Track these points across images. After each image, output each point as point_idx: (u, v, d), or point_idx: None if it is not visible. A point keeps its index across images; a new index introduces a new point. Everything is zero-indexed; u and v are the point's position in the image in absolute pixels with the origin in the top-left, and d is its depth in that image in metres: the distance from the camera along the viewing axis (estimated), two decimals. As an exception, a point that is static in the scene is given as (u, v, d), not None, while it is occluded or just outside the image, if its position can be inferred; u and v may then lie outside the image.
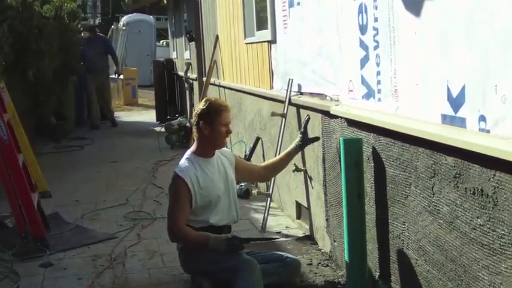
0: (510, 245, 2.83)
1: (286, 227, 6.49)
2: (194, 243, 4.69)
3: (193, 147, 4.87)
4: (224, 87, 10.18)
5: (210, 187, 4.74)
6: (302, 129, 5.14)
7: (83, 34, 15.60)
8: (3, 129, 6.14)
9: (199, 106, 4.80)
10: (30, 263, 5.66)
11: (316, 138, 5.20)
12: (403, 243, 3.96)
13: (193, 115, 4.84)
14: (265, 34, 7.24)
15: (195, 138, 4.86)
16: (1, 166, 6.08)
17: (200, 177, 4.71)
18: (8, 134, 6.17)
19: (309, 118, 5.17)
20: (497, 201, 2.90)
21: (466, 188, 3.16)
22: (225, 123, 4.74)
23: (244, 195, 7.62)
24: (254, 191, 7.79)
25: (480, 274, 3.10)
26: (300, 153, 6.07)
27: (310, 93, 5.81)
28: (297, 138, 5.13)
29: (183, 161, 4.81)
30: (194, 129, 4.82)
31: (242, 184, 7.67)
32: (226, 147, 5.26)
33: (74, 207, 7.67)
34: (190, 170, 4.71)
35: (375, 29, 4.19)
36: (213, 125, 4.70)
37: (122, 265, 5.53)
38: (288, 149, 5.19)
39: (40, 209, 6.55)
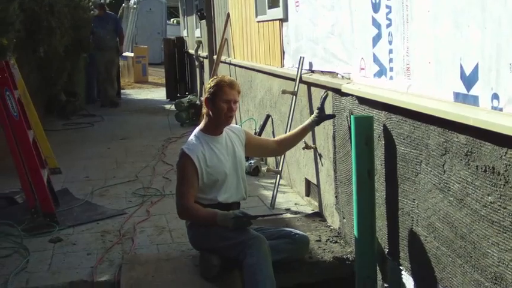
0: (521, 223, 2.83)
1: (295, 204, 6.51)
2: (202, 220, 4.71)
3: (201, 125, 4.89)
4: (235, 65, 10.17)
5: (217, 165, 4.75)
6: (320, 105, 5.13)
7: (93, 12, 15.56)
8: (13, 106, 6.15)
9: (207, 83, 4.81)
10: (40, 238, 5.69)
11: (333, 115, 5.19)
12: (412, 221, 3.96)
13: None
14: (277, 12, 7.21)
15: (204, 116, 4.87)
16: (11, 142, 6.10)
17: (207, 155, 4.72)
18: (19, 110, 6.18)
19: (327, 94, 5.18)
20: (508, 179, 2.89)
21: (477, 166, 3.16)
22: (227, 100, 4.72)
23: (254, 172, 7.64)
24: (263, 168, 7.80)
25: (490, 251, 3.10)
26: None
27: (322, 71, 5.79)
28: (314, 114, 5.13)
29: (190, 139, 4.83)
30: (203, 110, 4.85)
31: (251, 161, 7.69)
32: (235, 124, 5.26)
33: (83, 183, 7.70)
34: (197, 147, 4.71)
35: (388, 7, 4.16)
36: (215, 101, 4.72)
37: (131, 241, 5.56)
38: (304, 124, 5.18)
39: (50, 185, 6.58)
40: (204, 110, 4.84)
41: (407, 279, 4.13)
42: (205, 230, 4.71)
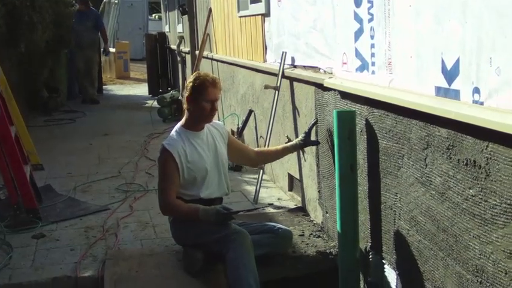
0: (501, 215, 2.85)
1: (279, 199, 6.52)
2: (185, 215, 4.74)
3: (182, 121, 4.90)
4: (217, 60, 10.17)
5: (198, 161, 4.77)
6: (307, 130, 5.16)
7: (73, 7, 15.45)
8: (-5, 101, 6.12)
9: (189, 80, 4.83)
10: (23, 234, 5.67)
11: (317, 142, 5.21)
12: (395, 214, 3.99)
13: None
14: (259, 7, 7.22)
15: (185, 110, 4.88)
16: (-7, 138, 6.07)
17: (188, 150, 4.73)
18: (1, 106, 6.14)
19: (316, 121, 5.19)
20: (489, 172, 2.92)
21: (458, 160, 3.18)
22: (210, 100, 4.74)
23: (237, 167, 7.64)
24: (246, 164, 7.82)
25: (471, 244, 3.13)
26: (292, 126, 6.10)
27: (304, 66, 5.81)
28: (299, 137, 5.18)
29: (171, 134, 4.85)
30: (184, 105, 4.85)
31: (234, 157, 7.69)
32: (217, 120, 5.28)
33: (66, 179, 7.67)
34: (178, 143, 4.73)
35: (370, 1, 4.18)
36: (197, 101, 4.73)
37: (115, 236, 5.55)
38: (287, 145, 5.28)
39: (32, 181, 6.55)
40: (185, 105, 4.85)
41: (390, 273, 4.16)
42: (188, 226, 4.72)
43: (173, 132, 4.87)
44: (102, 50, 16.75)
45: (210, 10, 10.44)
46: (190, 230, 4.71)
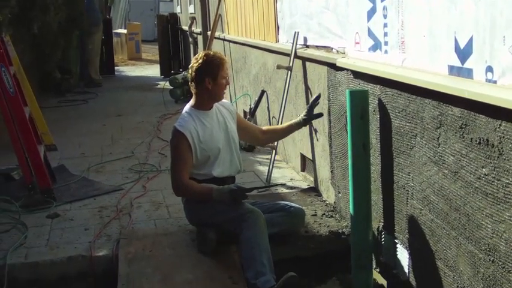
0: (514, 194, 2.86)
1: (291, 179, 6.54)
2: (198, 196, 4.77)
3: (192, 102, 4.92)
4: (229, 41, 10.15)
5: (210, 140, 4.79)
6: (310, 104, 5.14)
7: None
8: (9, 82, 6.14)
9: (199, 61, 4.80)
10: (37, 214, 5.72)
11: (320, 114, 5.19)
12: (407, 194, 4.00)
13: (191, 69, 4.82)
14: (271, -13, 7.20)
15: (193, 91, 4.89)
16: (8, 119, 6.10)
17: (200, 130, 4.75)
18: (15, 86, 6.18)
19: (319, 96, 5.16)
20: (502, 151, 2.92)
21: (471, 139, 3.19)
22: (225, 76, 4.84)
23: (249, 148, 7.65)
24: (259, 144, 7.84)
25: (483, 222, 3.14)
26: (305, 106, 6.09)
27: (316, 46, 5.80)
28: (303, 113, 5.13)
29: (182, 116, 4.87)
30: (193, 84, 4.85)
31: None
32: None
33: (79, 159, 7.71)
34: (190, 124, 4.74)
35: (382, -20, 4.18)
36: (216, 79, 4.77)
37: (128, 216, 5.59)
38: (291, 122, 5.22)
39: (46, 162, 6.59)
40: (193, 87, 4.86)
41: (403, 252, 4.18)
42: (202, 206, 4.75)
43: (184, 113, 4.89)
44: None
45: (222, -10, 10.42)
46: (204, 210, 4.74)
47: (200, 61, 4.79)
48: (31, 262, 4.72)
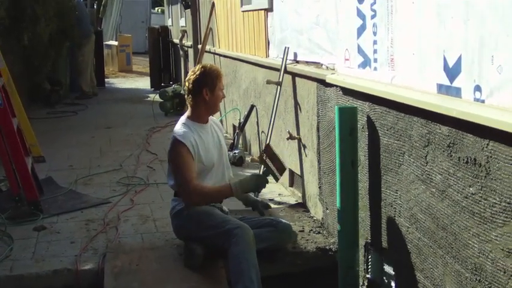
0: (501, 214, 2.86)
1: (279, 194, 6.53)
2: (216, 196, 4.84)
3: (188, 113, 4.91)
4: (219, 54, 10.17)
5: (206, 153, 4.80)
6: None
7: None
8: (-2, 94, 6.12)
9: (196, 72, 4.84)
10: (24, 226, 5.68)
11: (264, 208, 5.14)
12: (395, 211, 4.00)
13: (188, 82, 4.86)
14: (262, 2, 7.21)
15: (190, 104, 4.89)
16: (-4, 130, 6.07)
17: (198, 142, 4.77)
18: (3, 98, 6.15)
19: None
20: (489, 171, 2.92)
21: (459, 157, 3.19)
22: (222, 88, 4.90)
23: (238, 162, 7.65)
24: (247, 158, 7.82)
25: (470, 242, 3.14)
26: (294, 122, 6.11)
27: (306, 61, 5.82)
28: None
29: (180, 127, 4.83)
30: (190, 96, 4.86)
31: (236, 151, 7.71)
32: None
33: (67, 172, 7.68)
34: (189, 134, 4.74)
35: (373, -3, 4.19)
36: (214, 90, 4.82)
37: (115, 229, 5.55)
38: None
39: (34, 174, 6.56)
40: (189, 100, 4.87)
41: (389, 270, 4.17)
42: (190, 220, 4.74)
43: (180, 125, 4.86)
44: None
45: (213, 4, 10.44)
46: (192, 224, 4.73)
47: (198, 72, 4.84)
48: (16, 275, 4.69)
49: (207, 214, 4.71)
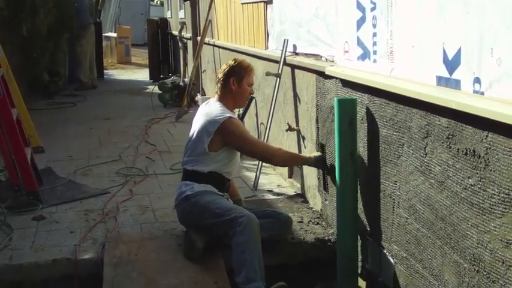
0: (500, 205, 2.87)
1: (278, 186, 6.55)
2: (293, 159, 5.40)
3: (219, 99, 5.04)
4: (219, 46, 10.18)
5: None
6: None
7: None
8: (-3, 84, 6.13)
9: (229, 63, 5.04)
10: (23, 216, 5.69)
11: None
12: (394, 202, 4.01)
13: (220, 72, 5.04)
14: (262, -6, 7.22)
15: (218, 93, 5.04)
16: (-5, 120, 6.08)
17: None
18: (2, 88, 6.15)
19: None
20: (488, 162, 2.94)
21: (458, 149, 3.20)
22: (251, 84, 5.06)
23: (237, 154, 7.65)
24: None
25: (469, 233, 3.15)
26: (293, 113, 6.12)
27: (306, 53, 5.83)
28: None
29: (221, 108, 4.94)
30: (219, 85, 5.01)
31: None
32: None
33: (66, 162, 7.69)
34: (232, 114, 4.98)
35: (373, -10, 4.20)
36: (241, 82, 4.96)
37: (114, 219, 5.57)
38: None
39: (33, 164, 6.56)
40: (218, 88, 5.03)
41: (388, 261, 4.19)
42: (197, 207, 4.75)
43: (215, 108, 4.95)
44: None
45: (213, -4, 10.44)
46: (199, 210, 4.74)
47: (231, 63, 5.06)
48: (15, 264, 4.70)
49: (213, 202, 4.73)
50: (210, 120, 4.85)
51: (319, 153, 5.15)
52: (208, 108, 4.97)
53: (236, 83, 4.94)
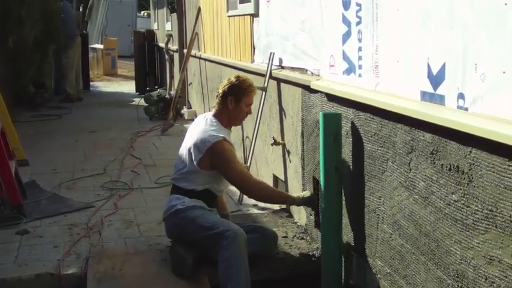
0: (483, 221, 2.87)
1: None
2: (275, 197, 5.13)
3: (214, 115, 4.98)
4: (205, 59, 10.17)
5: None
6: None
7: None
8: (-18, 96, 6.10)
9: (230, 80, 4.97)
10: (7, 230, 5.64)
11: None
12: (378, 218, 4.01)
13: (221, 87, 4.98)
14: (248, 7, 7.23)
15: (216, 108, 4.99)
16: (-21, 133, 6.05)
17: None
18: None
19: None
20: (472, 178, 2.94)
21: (442, 165, 3.20)
22: (249, 104, 4.98)
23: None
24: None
25: (452, 249, 3.15)
26: (279, 127, 6.12)
27: (291, 67, 5.83)
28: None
29: (215, 127, 4.87)
30: (218, 101, 4.96)
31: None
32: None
33: (51, 175, 7.64)
34: (226, 134, 4.87)
35: (358, 4, 4.20)
36: (239, 103, 4.90)
37: (99, 234, 5.53)
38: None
39: (17, 177, 6.53)
40: (216, 103, 4.97)
41: (372, 276, 4.18)
42: (186, 221, 4.72)
43: (210, 125, 4.89)
44: None
45: (199, 9, 10.45)
46: (187, 225, 4.71)
47: (232, 80, 4.98)
48: (-2, 279, 4.67)
49: (202, 216, 4.69)
50: (203, 139, 4.78)
51: (309, 193, 5.04)
52: (204, 124, 4.90)
53: (234, 102, 4.88)
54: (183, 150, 4.96)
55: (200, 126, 4.92)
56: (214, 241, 4.48)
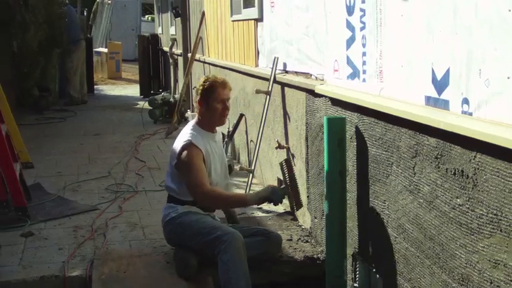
0: (488, 225, 2.89)
1: (267, 203, 6.52)
2: (230, 202, 4.91)
3: (195, 120, 4.97)
4: (209, 63, 10.19)
5: (213, 162, 4.88)
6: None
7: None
8: (-14, 99, 6.12)
9: (198, 83, 4.94)
10: (11, 232, 5.66)
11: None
12: (382, 221, 4.02)
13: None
14: (252, 12, 7.25)
15: (196, 112, 4.99)
16: (-16, 136, 6.06)
17: (209, 150, 4.84)
18: (-8, 104, 6.16)
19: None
20: (477, 182, 2.96)
21: (447, 169, 3.22)
22: (221, 100, 4.85)
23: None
24: (236, 167, 7.82)
25: (457, 252, 3.16)
26: (283, 131, 6.13)
27: (295, 71, 5.84)
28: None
29: (189, 132, 4.83)
30: (195, 103, 4.96)
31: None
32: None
33: (55, 178, 7.67)
34: (200, 140, 4.78)
35: (362, 10, 4.22)
36: (208, 102, 4.84)
37: (103, 236, 5.55)
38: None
39: (22, 180, 6.54)
40: (198, 109, 4.93)
41: (377, 279, 4.19)
42: (182, 227, 4.74)
43: (188, 130, 4.87)
44: None
45: (203, 13, 10.47)
46: (184, 231, 4.72)
47: (199, 83, 4.93)
48: (3, 281, 4.67)
49: (198, 221, 4.71)
50: (176, 146, 4.83)
51: (269, 187, 4.83)
52: (184, 132, 4.90)
53: (204, 104, 4.86)
54: (169, 159, 4.98)
55: (181, 134, 4.94)
56: (212, 246, 4.49)
